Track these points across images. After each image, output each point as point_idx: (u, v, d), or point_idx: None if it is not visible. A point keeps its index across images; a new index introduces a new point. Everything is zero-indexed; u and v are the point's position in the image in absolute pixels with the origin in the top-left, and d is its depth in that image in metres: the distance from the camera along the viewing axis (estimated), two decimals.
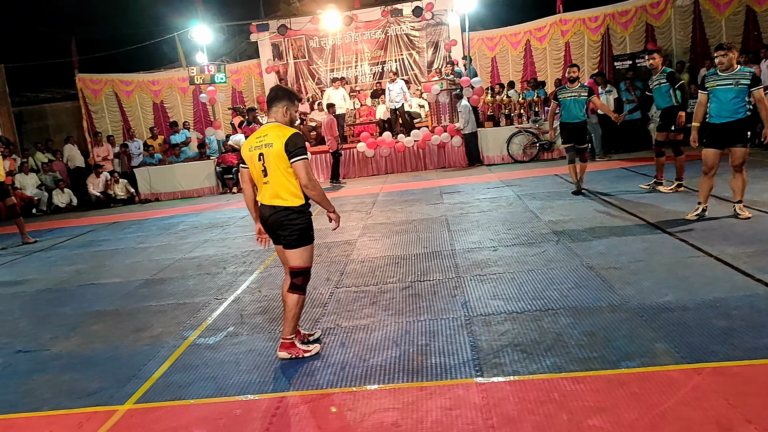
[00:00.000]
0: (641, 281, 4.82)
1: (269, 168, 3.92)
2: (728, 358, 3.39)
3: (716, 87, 6.33)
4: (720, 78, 6.33)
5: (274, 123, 4.02)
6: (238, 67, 18.07)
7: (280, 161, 3.88)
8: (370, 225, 8.40)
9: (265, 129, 4.00)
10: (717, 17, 14.62)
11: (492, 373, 3.55)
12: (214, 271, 6.81)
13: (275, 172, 3.91)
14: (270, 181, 3.94)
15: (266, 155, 3.91)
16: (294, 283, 4.08)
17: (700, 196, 6.62)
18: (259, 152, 3.94)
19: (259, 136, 3.98)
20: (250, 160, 4.01)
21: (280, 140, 3.86)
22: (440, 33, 17.14)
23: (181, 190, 15.02)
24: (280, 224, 3.99)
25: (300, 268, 4.06)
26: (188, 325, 5.06)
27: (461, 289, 5.16)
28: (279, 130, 3.93)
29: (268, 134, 3.93)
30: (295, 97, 4.14)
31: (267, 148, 3.90)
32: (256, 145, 3.96)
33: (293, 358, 4.10)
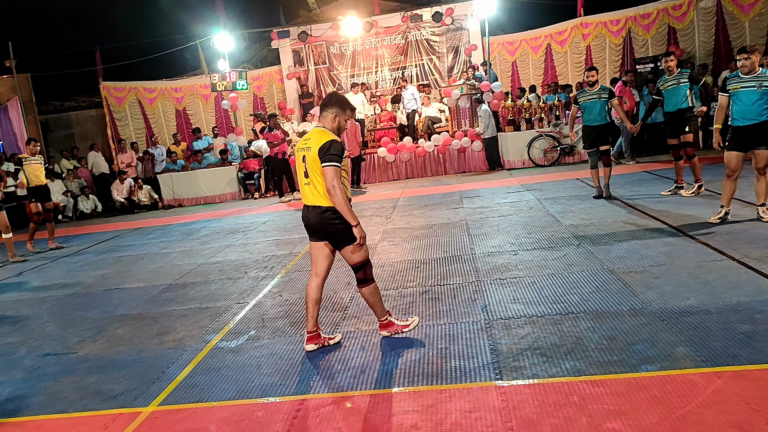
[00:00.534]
0: (663, 285, 4.78)
1: (309, 170, 4.09)
2: (751, 362, 3.36)
3: (739, 89, 6.30)
4: (743, 80, 6.30)
5: (321, 128, 4.16)
6: (259, 74, 18.28)
7: (316, 164, 4.02)
8: (390, 230, 8.43)
9: (310, 133, 4.17)
10: (741, 18, 14.43)
11: (511, 376, 3.55)
12: (235, 276, 6.90)
13: (313, 175, 4.07)
14: (310, 182, 4.11)
15: (307, 158, 4.09)
16: (358, 278, 4.27)
17: (722, 199, 6.56)
18: (302, 154, 4.13)
19: (305, 139, 4.16)
20: (297, 161, 4.22)
21: (317, 145, 3.99)
22: (460, 38, 17.16)
23: (204, 196, 15.22)
24: (323, 225, 4.15)
25: (357, 263, 4.22)
26: (210, 328, 5.14)
27: (481, 293, 5.17)
28: (321, 135, 4.07)
29: (311, 138, 4.10)
30: (347, 107, 4.23)
31: (308, 151, 4.07)
32: (301, 147, 4.16)
33: (394, 334, 4.36)
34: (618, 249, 6.00)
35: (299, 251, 7.74)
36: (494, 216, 8.46)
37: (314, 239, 4.32)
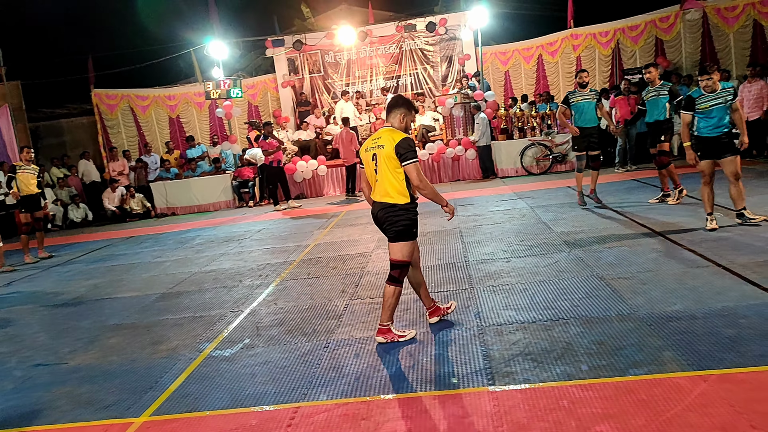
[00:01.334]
0: (650, 291, 4.87)
1: (380, 168, 4.32)
2: (735, 366, 3.44)
3: (711, 107, 6.63)
4: (711, 98, 6.63)
5: (389, 127, 4.40)
6: (254, 82, 18.35)
7: (389, 162, 4.26)
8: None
9: (380, 132, 4.39)
10: (726, 31, 14.67)
11: (503, 381, 3.61)
12: (230, 285, 6.93)
13: (384, 172, 4.30)
14: (380, 179, 4.34)
15: (378, 156, 4.31)
16: (392, 275, 4.44)
17: (707, 207, 6.72)
18: (373, 153, 4.36)
19: (375, 138, 4.39)
20: (365, 160, 4.45)
21: (391, 143, 4.23)
22: (454, 47, 17.32)
23: (198, 204, 15.22)
24: (387, 219, 4.39)
25: (398, 261, 4.42)
26: (204, 337, 5.17)
27: (474, 299, 5.24)
28: (392, 134, 4.30)
29: (382, 137, 4.33)
30: (412, 107, 4.54)
31: (379, 149, 4.30)
32: (371, 147, 4.39)
33: (388, 342, 4.47)
34: (607, 256, 6.09)
35: (294, 259, 7.78)
36: (487, 224, 8.54)
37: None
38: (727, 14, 14.57)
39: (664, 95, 8.21)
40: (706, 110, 6.64)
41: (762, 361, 3.46)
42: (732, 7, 14.48)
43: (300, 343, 4.73)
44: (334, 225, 10.16)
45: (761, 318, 4.06)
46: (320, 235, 9.34)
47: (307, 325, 5.15)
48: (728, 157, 6.62)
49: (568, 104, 8.94)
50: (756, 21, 14.19)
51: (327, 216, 11.33)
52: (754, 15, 14.16)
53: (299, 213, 12.34)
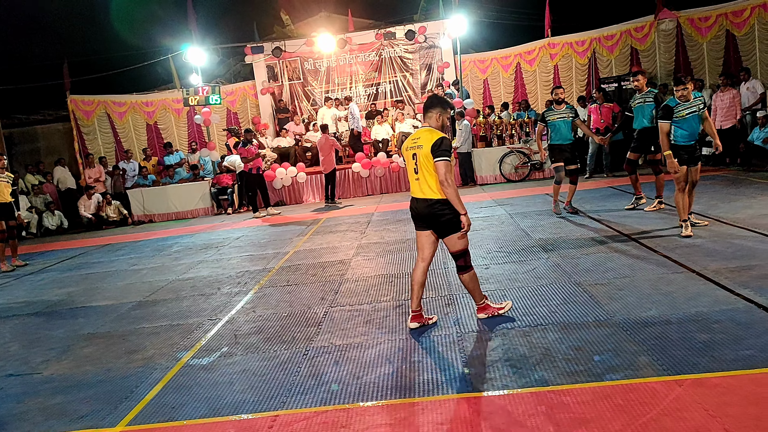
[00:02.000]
0: (626, 297, 4.94)
1: (420, 166, 4.52)
2: (709, 370, 3.49)
3: (688, 116, 6.81)
4: (686, 106, 6.81)
5: (427, 127, 4.61)
6: (233, 89, 18.27)
7: (428, 160, 4.47)
8: (364, 244, 8.49)
9: (419, 132, 4.62)
10: (699, 40, 14.97)
11: (482, 388, 3.63)
12: (208, 292, 6.87)
13: (424, 170, 4.51)
14: (420, 177, 4.55)
15: (418, 155, 4.52)
16: (458, 265, 4.68)
17: (683, 213, 6.85)
18: (413, 152, 4.57)
19: (414, 139, 4.62)
20: (406, 159, 4.69)
21: (429, 143, 4.44)
22: (433, 55, 17.44)
23: (175, 212, 15.07)
24: (432, 215, 4.56)
25: (459, 251, 4.62)
26: (182, 346, 5.11)
27: (453, 306, 5.25)
28: (430, 133, 4.52)
29: (421, 137, 4.55)
30: (447, 105, 4.76)
31: (419, 149, 4.51)
32: (411, 146, 4.61)
33: (491, 316, 4.78)
34: (584, 262, 6.16)
35: (273, 267, 7.74)
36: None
37: (421, 228, 4.74)
38: (700, 24, 14.88)
39: (649, 102, 8.30)
40: (683, 118, 6.81)
41: (734, 365, 3.52)
42: (705, 18, 14.79)
43: (279, 350, 4.70)
44: (314, 232, 10.14)
45: (733, 323, 4.14)
46: (300, 242, 9.31)
47: (286, 332, 5.12)
48: (696, 166, 6.93)
49: (544, 122, 9.04)
50: (728, 31, 14.50)
51: (306, 223, 11.30)
52: (726, 25, 14.47)
53: (278, 220, 12.29)
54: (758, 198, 8.38)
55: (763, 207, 7.71)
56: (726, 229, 6.86)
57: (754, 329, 4.00)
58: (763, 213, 7.36)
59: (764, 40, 13.76)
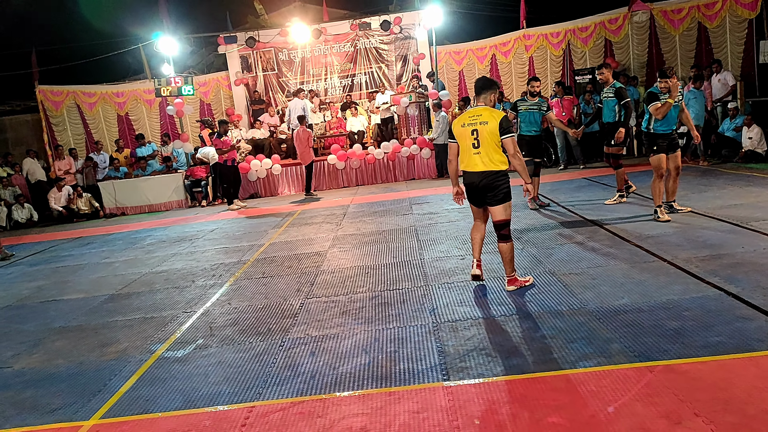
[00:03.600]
0: (599, 285, 5.01)
1: (482, 141, 4.89)
2: (679, 356, 3.57)
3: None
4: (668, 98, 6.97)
5: (485, 106, 5.02)
6: (206, 80, 18.01)
7: (492, 136, 4.88)
8: (340, 236, 8.47)
9: (479, 110, 4.99)
10: (672, 33, 15.16)
11: (458, 376, 3.65)
12: (182, 285, 6.79)
13: (487, 145, 4.90)
14: (482, 151, 4.92)
15: (480, 131, 4.89)
16: (502, 234, 5.06)
17: (657, 199, 7.07)
18: (472, 128, 4.93)
19: (473, 116, 4.97)
20: (461, 135, 5.03)
21: (495, 120, 4.87)
22: (408, 47, 17.39)
23: (148, 204, 14.83)
24: (490, 185, 4.97)
25: (504, 220, 5.04)
26: (156, 339, 5.05)
27: (429, 296, 5.28)
28: (491, 112, 4.94)
29: (483, 114, 4.94)
30: (496, 86, 5.23)
31: (482, 125, 4.89)
32: (470, 123, 4.96)
33: (520, 287, 5.13)
34: (558, 252, 6.23)
35: (248, 259, 7.68)
36: (443, 222, 8.62)
37: (477, 204, 5.24)
38: (673, 16, 15.05)
39: (611, 97, 8.30)
40: None
41: (704, 351, 3.60)
42: (678, 10, 14.96)
43: (255, 342, 4.67)
44: (289, 224, 10.08)
45: (703, 310, 4.23)
46: (275, 234, 9.25)
47: (262, 324, 5.09)
48: (675, 153, 7.19)
49: (516, 111, 9.08)
50: (700, 23, 14.70)
51: (282, 215, 11.23)
52: (699, 17, 14.67)
53: (253, 212, 12.19)
54: (728, 188, 8.56)
55: (733, 197, 7.88)
56: (696, 219, 6.99)
57: (723, 316, 4.09)
58: (732, 203, 7.52)
59: (735, 32, 14.01)
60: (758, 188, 8.41)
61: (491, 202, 5.03)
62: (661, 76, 7.05)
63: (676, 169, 7.28)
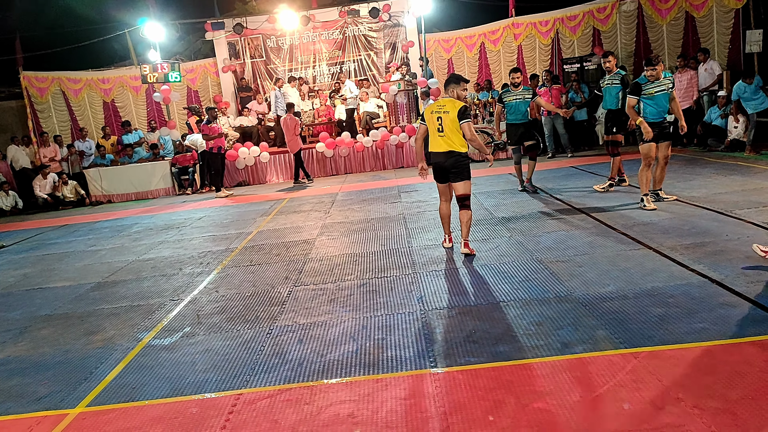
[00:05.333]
0: (585, 273, 5.05)
1: (445, 127, 5.83)
2: (664, 342, 3.61)
3: (656, 93, 7.10)
4: (655, 85, 7.10)
5: (449, 98, 5.97)
6: (193, 66, 17.82)
7: (453, 123, 5.79)
8: (328, 224, 8.46)
9: (444, 101, 5.92)
10: (659, 22, 15.19)
11: (445, 363, 3.67)
12: (169, 273, 6.76)
13: (449, 130, 5.82)
14: (445, 135, 5.85)
15: (444, 118, 5.84)
16: (464, 204, 5.99)
17: (644, 188, 7.17)
18: (438, 116, 5.87)
19: (440, 105, 5.92)
20: (429, 120, 5.98)
21: (455, 110, 5.80)
22: (397, 34, 17.29)
23: (135, 192, 14.72)
24: (455, 164, 5.88)
25: (465, 194, 5.99)
26: (143, 326, 5.03)
27: (417, 284, 5.29)
28: (453, 103, 5.87)
29: (446, 105, 5.87)
30: (462, 80, 6.08)
31: (445, 114, 5.84)
32: (436, 111, 5.91)
33: (470, 254, 5.98)
34: (546, 240, 6.26)
35: (236, 247, 7.66)
36: (431, 210, 8.62)
37: (442, 180, 6.12)
38: (661, 6, 15.08)
39: (616, 84, 8.39)
40: (651, 96, 7.11)
41: (688, 338, 3.64)
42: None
43: (242, 330, 4.67)
44: (278, 212, 10.05)
45: (687, 297, 4.28)
46: (263, 222, 9.22)
47: (250, 312, 5.09)
48: (665, 142, 7.26)
49: (502, 103, 9.26)
50: (687, 13, 14.74)
51: (270, 203, 11.19)
52: (686, 7, 14.70)
53: (241, 200, 12.14)
54: (713, 177, 8.63)
55: (718, 186, 7.94)
56: (682, 207, 7.05)
57: (707, 303, 4.14)
58: (717, 192, 7.58)
59: (722, 22, 14.05)
60: (743, 177, 8.49)
61: (454, 179, 5.95)
62: (647, 65, 7.14)
63: (665, 158, 7.35)
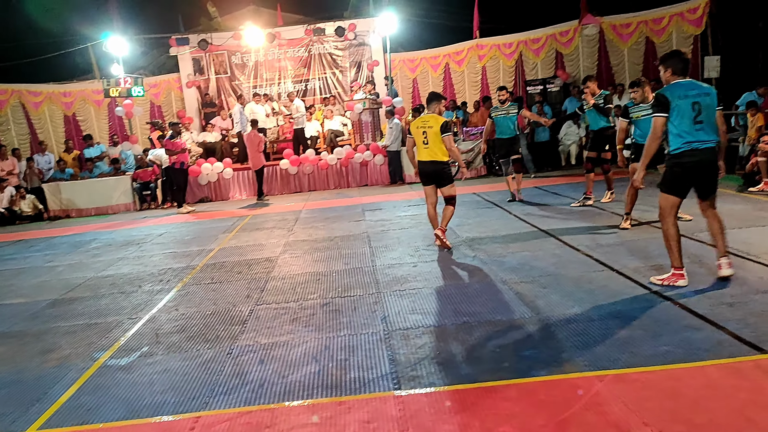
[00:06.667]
0: (550, 294, 5.08)
1: (429, 139, 6.85)
2: (629, 366, 3.62)
3: (641, 117, 7.27)
4: (640, 109, 7.29)
5: (432, 114, 6.97)
6: (156, 81, 17.57)
7: (436, 136, 6.80)
8: (291, 242, 8.37)
9: (428, 117, 6.95)
10: (621, 47, 15.64)
11: (409, 385, 3.62)
12: (128, 290, 6.57)
13: (432, 142, 6.84)
14: (429, 146, 6.86)
15: (428, 132, 6.85)
16: (451, 202, 7.05)
17: (627, 206, 7.28)
18: (423, 130, 6.89)
19: (424, 120, 6.93)
20: (416, 134, 6.99)
21: (438, 125, 6.80)
22: (363, 53, 17.38)
23: (95, 207, 14.34)
24: (438, 171, 6.93)
25: (451, 195, 7.04)
26: (99, 345, 4.86)
27: (381, 304, 5.24)
28: (436, 118, 6.87)
29: (429, 121, 6.88)
30: (442, 98, 7.31)
31: (429, 128, 6.85)
32: (421, 126, 6.93)
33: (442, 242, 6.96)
34: (510, 260, 6.30)
35: (197, 264, 7.50)
36: (395, 228, 8.61)
37: (428, 183, 7.13)
38: (622, 31, 15.53)
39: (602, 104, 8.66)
40: (637, 119, 7.32)
41: (652, 361, 3.66)
42: (626, 24, 15.45)
43: (202, 350, 4.54)
44: (240, 229, 9.90)
45: (651, 320, 4.33)
46: (225, 239, 9.07)
47: (210, 331, 4.96)
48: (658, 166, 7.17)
49: (491, 118, 10.06)
50: (648, 38, 15.21)
51: (232, 220, 11.03)
52: (646, 32, 15.17)
53: (203, 216, 11.94)
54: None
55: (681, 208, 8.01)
56: (644, 229, 7.19)
57: (670, 326, 4.18)
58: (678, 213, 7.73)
59: (682, 47, 14.45)
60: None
61: (440, 184, 7.00)
62: (631, 86, 7.45)
63: None
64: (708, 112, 4.81)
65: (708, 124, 4.81)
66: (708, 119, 4.81)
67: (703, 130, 4.80)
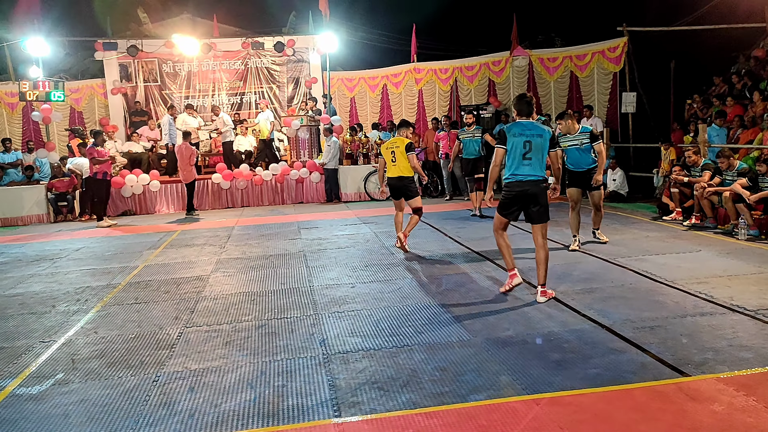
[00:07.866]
0: (486, 316, 5.11)
1: (397, 158, 7.67)
2: (562, 388, 3.67)
3: (567, 147, 7.65)
4: (567, 139, 7.65)
5: (400, 137, 7.84)
6: (78, 86, 16.79)
7: (402, 155, 7.65)
8: (224, 260, 8.08)
9: (396, 140, 7.83)
10: (548, 78, 16.33)
11: (349, 412, 3.51)
12: (40, 310, 6.10)
13: (399, 161, 7.67)
14: (397, 164, 7.69)
15: (396, 152, 7.68)
16: (417, 212, 7.89)
17: (573, 229, 7.70)
18: (391, 150, 7.72)
19: (393, 142, 7.83)
20: (385, 154, 7.85)
21: (403, 145, 7.68)
22: (301, 70, 17.32)
23: (3, 218, 13.37)
24: (405, 186, 7.78)
25: (417, 207, 7.87)
26: (6, 372, 4.45)
27: (319, 326, 5.11)
28: (402, 141, 7.73)
29: (397, 142, 7.76)
30: (410, 125, 8.22)
31: (396, 148, 7.69)
32: (390, 147, 7.79)
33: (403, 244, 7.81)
34: (447, 282, 6.31)
35: (119, 282, 7.09)
36: (332, 248, 8.50)
37: (397, 197, 7.95)
38: (549, 64, 16.24)
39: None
40: (565, 149, 7.59)
41: (585, 383, 3.73)
42: (553, 58, 16.18)
43: (125, 377, 4.25)
44: (168, 245, 9.49)
45: (581, 342, 4.42)
46: (151, 255, 8.65)
47: (134, 356, 4.65)
48: (594, 192, 7.75)
49: (459, 139, 11.06)
50: (572, 73, 15.96)
51: (159, 235, 10.56)
52: (571, 67, 15.91)
53: (127, 230, 11.38)
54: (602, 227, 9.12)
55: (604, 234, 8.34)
56: (572, 254, 7.41)
57: (599, 348, 4.29)
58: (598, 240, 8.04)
59: (602, 83, 15.38)
60: (622, 226, 9.14)
61: (407, 197, 7.83)
62: (558, 118, 7.85)
63: (595, 205, 7.87)
64: (537, 151, 5.44)
65: (537, 161, 5.46)
66: (536, 156, 5.45)
67: (530, 165, 5.45)
